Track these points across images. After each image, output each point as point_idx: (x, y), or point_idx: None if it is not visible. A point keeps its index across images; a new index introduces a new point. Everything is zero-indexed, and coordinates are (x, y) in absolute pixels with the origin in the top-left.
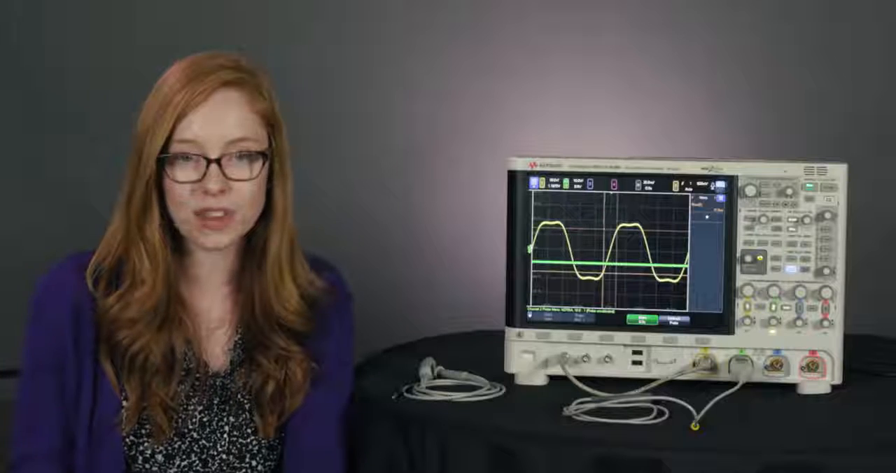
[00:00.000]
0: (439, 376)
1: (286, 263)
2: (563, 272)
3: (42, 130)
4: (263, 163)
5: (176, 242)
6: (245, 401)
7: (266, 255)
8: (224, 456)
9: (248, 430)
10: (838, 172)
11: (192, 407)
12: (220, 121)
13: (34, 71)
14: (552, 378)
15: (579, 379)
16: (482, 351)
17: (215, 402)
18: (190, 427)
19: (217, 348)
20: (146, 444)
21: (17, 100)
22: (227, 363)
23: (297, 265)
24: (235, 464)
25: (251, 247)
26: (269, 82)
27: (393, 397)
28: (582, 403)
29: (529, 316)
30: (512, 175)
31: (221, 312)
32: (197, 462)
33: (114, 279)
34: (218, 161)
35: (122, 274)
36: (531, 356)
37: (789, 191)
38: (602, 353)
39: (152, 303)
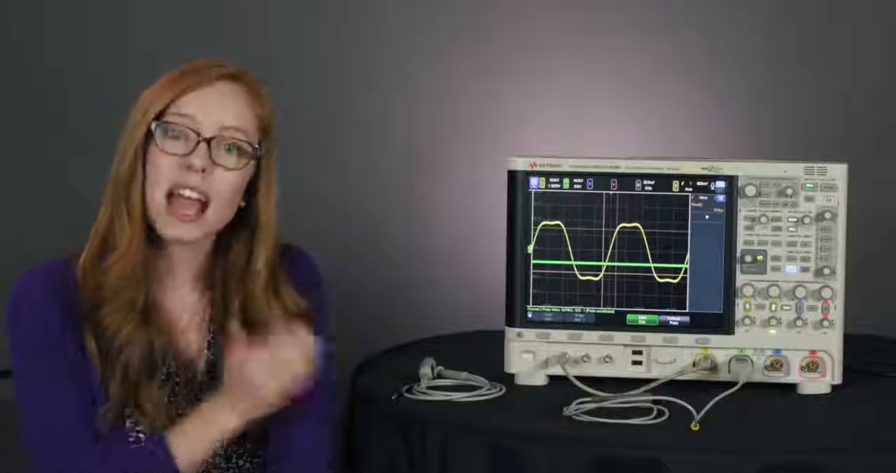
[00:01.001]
0: (439, 376)
1: (271, 286)
2: (563, 272)
3: (42, 130)
4: (248, 161)
5: (150, 239)
6: None
7: (250, 269)
8: (210, 458)
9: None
10: (838, 172)
11: (172, 410)
12: (219, 107)
13: (34, 71)
14: (552, 378)
15: (579, 379)
16: (482, 351)
17: (202, 399)
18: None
19: (193, 349)
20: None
21: (17, 100)
22: (204, 364)
23: (283, 287)
24: (222, 465)
25: (223, 251)
26: (268, 93)
27: (393, 397)
28: (582, 403)
29: (529, 316)
30: (512, 175)
31: (191, 312)
32: None
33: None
34: (209, 141)
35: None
36: (531, 356)
37: (789, 191)
38: (602, 353)
39: (130, 263)
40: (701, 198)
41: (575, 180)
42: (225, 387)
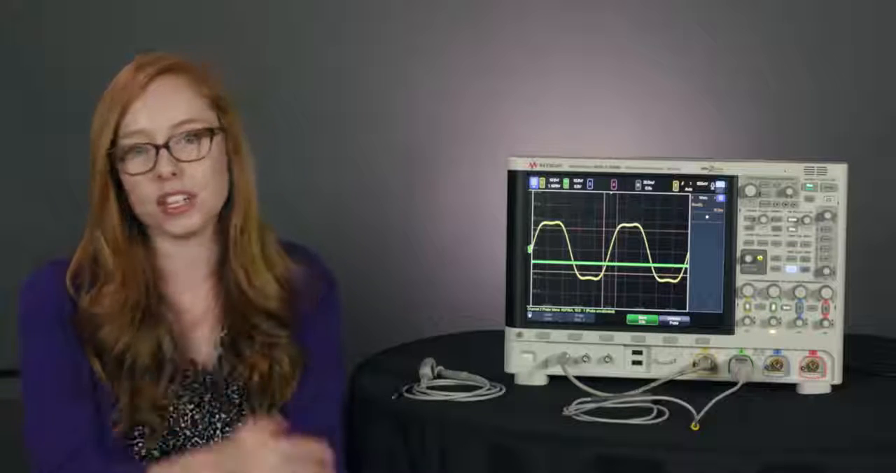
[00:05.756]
0: (439, 376)
1: (256, 248)
2: (563, 272)
3: (42, 130)
4: (211, 141)
5: (147, 241)
6: (235, 396)
7: (233, 236)
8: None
9: (240, 425)
10: (838, 172)
11: (182, 406)
12: (163, 107)
13: (34, 71)
14: (552, 378)
15: (579, 379)
16: (482, 351)
17: (206, 399)
18: (182, 424)
19: (203, 344)
20: (141, 444)
21: (17, 100)
22: (215, 358)
23: (271, 251)
24: None
25: (226, 238)
26: (216, 75)
27: (393, 397)
28: (582, 403)
29: (529, 316)
30: (512, 175)
31: (204, 307)
32: None
33: (94, 280)
34: (166, 146)
35: (98, 276)
36: (531, 356)
37: (789, 191)
38: (602, 353)
39: (124, 298)
40: (701, 198)
41: (575, 180)
42: (216, 447)
